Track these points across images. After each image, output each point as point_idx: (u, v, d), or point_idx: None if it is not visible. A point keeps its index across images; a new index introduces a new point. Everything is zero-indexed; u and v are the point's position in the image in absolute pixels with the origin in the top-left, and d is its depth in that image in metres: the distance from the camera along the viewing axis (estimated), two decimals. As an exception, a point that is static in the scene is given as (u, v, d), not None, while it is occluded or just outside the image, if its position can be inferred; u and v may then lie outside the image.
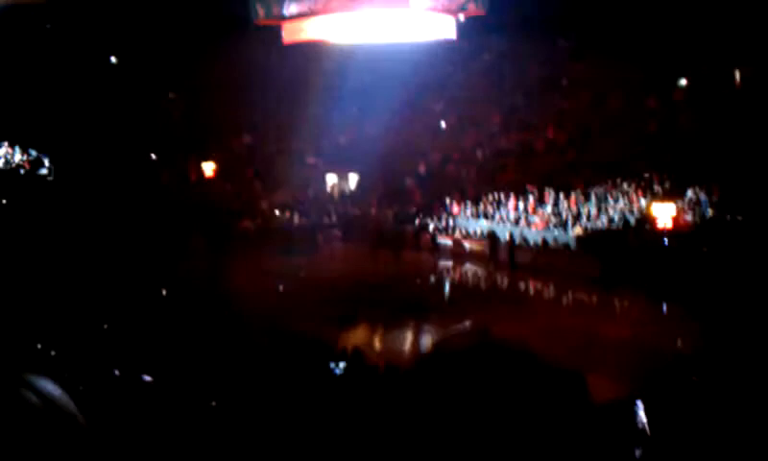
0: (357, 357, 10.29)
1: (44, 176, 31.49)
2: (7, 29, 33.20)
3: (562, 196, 28.95)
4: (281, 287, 25.45)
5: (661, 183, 26.39)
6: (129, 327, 12.32)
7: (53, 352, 9.69)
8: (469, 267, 27.48)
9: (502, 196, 30.69)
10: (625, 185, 27.67)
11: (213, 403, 8.09)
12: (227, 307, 17.98)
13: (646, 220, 24.34)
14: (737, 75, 29.62)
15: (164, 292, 20.53)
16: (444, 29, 29.95)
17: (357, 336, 18.38)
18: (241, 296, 21.56)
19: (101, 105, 35.14)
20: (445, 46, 32.84)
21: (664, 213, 23.83)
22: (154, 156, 35.07)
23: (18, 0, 34.65)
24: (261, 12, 29.08)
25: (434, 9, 28.26)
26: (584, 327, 18.06)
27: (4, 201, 28.69)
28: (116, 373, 8.74)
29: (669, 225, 23.66)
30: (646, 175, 27.52)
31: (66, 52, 35.48)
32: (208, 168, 34.87)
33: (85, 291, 16.57)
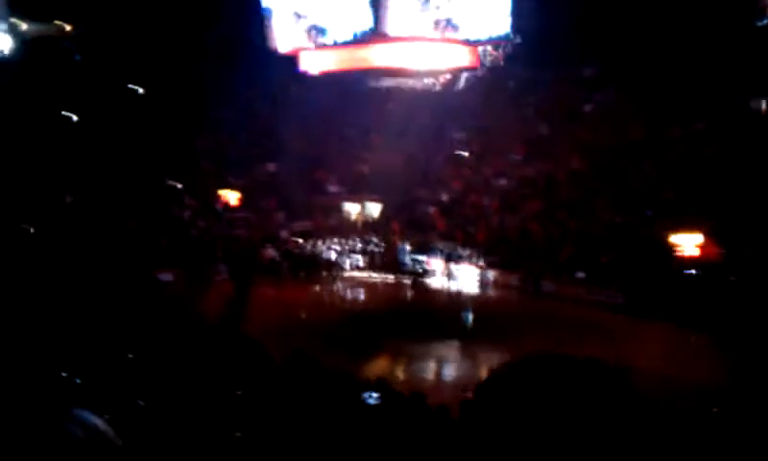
0: (383, 387, 10.20)
1: (70, 204, 31.75)
2: (34, 57, 33.83)
3: (584, 225, 28.80)
4: (304, 315, 25.44)
5: (687, 212, 26.13)
6: (153, 355, 12.32)
7: (87, 384, 9.68)
8: (492, 295, 27.35)
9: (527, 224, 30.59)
10: (650, 214, 27.44)
11: (238, 435, 8.03)
12: (249, 337, 17.93)
13: (672, 249, 24.09)
14: (764, 104, 29.40)
15: (186, 321, 20.54)
16: (468, 57, 30.07)
17: (380, 365, 18.28)
18: (262, 324, 21.55)
19: (124, 133, 35.53)
20: (469, 74, 33.03)
21: (690, 242, 23.65)
22: (179, 185, 35.31)
23: (44, 32, 35.33)
24: (282, 43, 29.41)
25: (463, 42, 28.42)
26: (610, 353, 17.83)
27: (32, 229, 28.98)
28: (141, 403, 8.71)
29: (695, 253, 23.45)
30: (672, 204, 27.30)
31: (93, 83, 36.00)
32: (232, 197, 35.10)
33: (110, 320, 16.62)
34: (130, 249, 29.46)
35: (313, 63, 30.58)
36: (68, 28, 36.95)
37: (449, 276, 29.66)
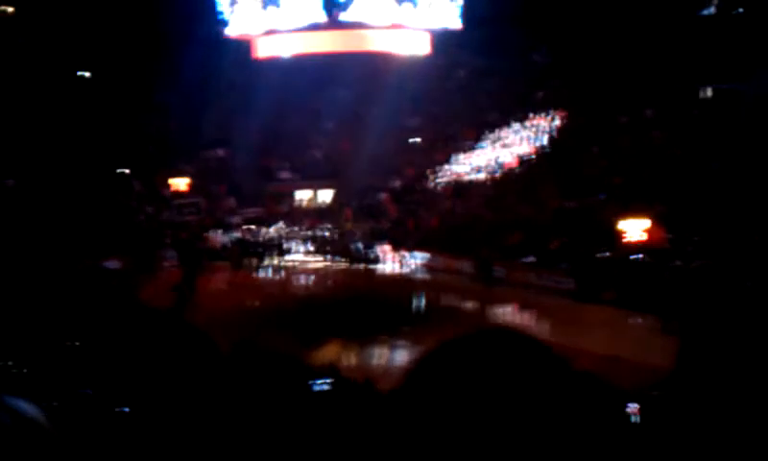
0: (333, 373, 10.13)
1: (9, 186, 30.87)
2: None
3: (536, 211, 29.06)
4: (254, 302, 25.23)
5: (636, 198, 26.53)
6: (96, 344, 12.05)
7: (24, 371, 9.39)
8: (443, 280, 27.38)
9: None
10: (601, 199, 27.80)
11: (182, 423, 7.88)
12: (195, 325, 17.67)
13: (620, 234, 24.42)
14: (709, 92, 29.99)
15: (132, 308, 20.17)
16: (420, 45, 30.03)
17: (331, 351, 18.19)
18: (210, 311, 21.30)
19: (71, 118, 34.69)
20: (420, 62, 33.01)
21: (637, 228, 24.00)
22: (126, 170, 34.64)
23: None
24: (233, 27, 28.94)
25: (410, 26, 28.34)
26: (562, 336, 18.07)
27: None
28: (88, 392, 8.49)
29: (642, 238, 23.81)
30: (620, 190, 27.70)
31: (36, 64, 35.05)
32: (182, 183, 34.55)
33: (50, 306, 16.22)
34: (74, 235, 28.84)
35: (266, 49, 30.19)
36: (10, 10, 35.87)
37: (400, 262, 29.68)
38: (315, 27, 29.15)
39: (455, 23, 31.69)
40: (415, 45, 31.90)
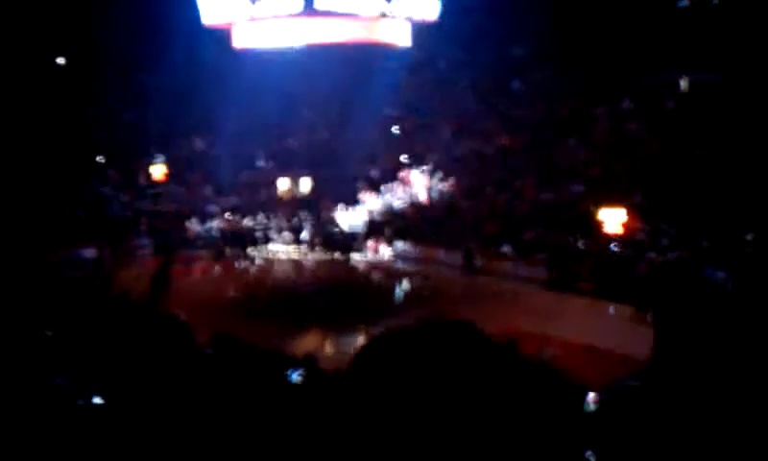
0: (310, 363, 10.09)
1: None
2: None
3: (514, 202, 29.21)
4: (231, 292, 25.13)
5: (612, 190, 26.72)
6: (71, 333, 11.91)
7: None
8: (422, 270, 27.46)
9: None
10: (578, 190, 27.97)
11: (160, 411, 7.82)
12: (173, 316, 17.58)
13: (597, 225, 24.59)
14: (684, 83, 30.21)
15: (107, 298, 19.99)
16: (400, 35, 30.01)
17: (308, 341, 18.18)
18: (191, 303, 21.19)
19: (46, 106, 34.30)
20: (400, 52, 32.99)
21: (613, 218, 24.18)
22: (100, 158, 34.29)
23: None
24: (209, 15, 28.70)
25: (388, 16, 28.31)
26: (538, 326, 18.21)
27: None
28: (62, 382, 8.41)
29: (618, 230, 24.00)
30: (597, 181, 27.87)
31: (10, 51, 34.58)
32: (158, 171, 34.26)
33: (24, 295, 16.02)
34: (48, 224, 28.56)
35: (244, 38, 29.98)
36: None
37: (379, 251, 29.70)
38: (292, 15, 29.00)
39: (433, 14, 31.76)
40: (395, 36, 31.88)
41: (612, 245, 23.53)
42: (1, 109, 32.40)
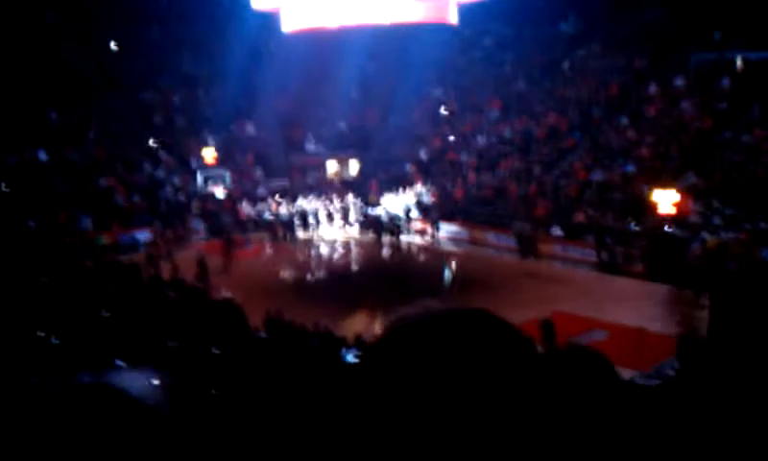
0: (361, 344, 10.23)
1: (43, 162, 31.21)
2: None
3: (564, 183, 28.88)
4: (283, 273, 25.43)
5: (665, 169, 26.24)
6: (128, 315, 12.21)
7: (65, 344, 9.57)
8: (477, 252, 27.38)
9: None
10: (630, 170, 27.53)
11: (214, 392, 8.01)
12: (225, 298, 17.90)
13: (649, 206, 24.20)
14: (739, 61, 29.45)
15: (163, 281, 20.43)
16: (448, 12, 29.80)
17: (359, 322, 18.32)
18: (246, 285, 21.54)
19: (100, 90, 34.99)
20: (448, 31, 32.74)
21: (666, 200, 23.74)
22: (153, 142, 34.86)
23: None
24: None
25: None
26: (588, 309, 18.08)
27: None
28: (121, 364, 8.67)
29: (671, 211, 23.57)
30: (649, 161, 27.40)
31: (67, 36, 35.32)
32: (209, 154, 34.72)
33: (82, 278, 16.45)
34: (103, 208, 29.20)
35: (293, 21, 30.04)
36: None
37: (427, 233, 29.69)
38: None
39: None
40: (443, 14, 31.60)
41: (664, 226, 23.13)
42: (57, 94, 33.12)
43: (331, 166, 37.16)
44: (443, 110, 37.46)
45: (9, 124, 30.02)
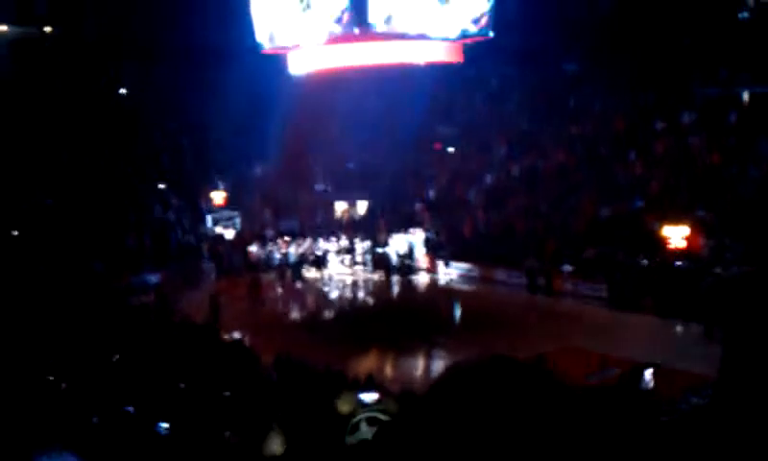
0: (372, 384, 10.18)
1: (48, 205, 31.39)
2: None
3: (572, 219, 28.87)
4: (293, 314, 25.43)
5: (673, 204, 26.20)
6: (139, 357, 12.21)
7: (73, 387, 9.56)
8: (486, 290, 27.35)
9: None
10: (635, 206, 27.50)
11: (226, 434, 7.97)
12: (235, 339, 17.89)
13: (659, 241, 24.14)
14: (746, 96, 29.55)
15: (173, 323, 20.45)
16: (451, 53, 30.07)
17: (369, 363, 18.24)
18: (255, 325, 21.53)
19: (109, 135, 35.32)
20: (452, 69, 32.99)
21: (676, 234, 23.71)
22: (163, 184, 35.10)
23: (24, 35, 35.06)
24: (267, 42, 29.15)
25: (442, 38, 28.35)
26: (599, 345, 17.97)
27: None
28: (130, 410, 8.63)
29: (681, 245, 23.51)
30: (657, 197, 27.38)
31: (74, 80, 35.77)
32: (218, 196, 34.93)
33: (90, 321, 16.47)
34: (113, 250, 29.29)
35: (301, 64, 30.36)
36: (48, 29, 36.61)
37: (437, 272, 29.66)
38: (348, 39, 29.28)
39: (486, 31, 31.65)
40: (448, 54, 31.86)
41: (675, 261, 23.05)
42: (67, 137, 33.47)
43: (340, 206, 37.29)
44: (450, 149, 37.61)
45: (18, 168, 30.30)
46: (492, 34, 28.48)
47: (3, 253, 25.41)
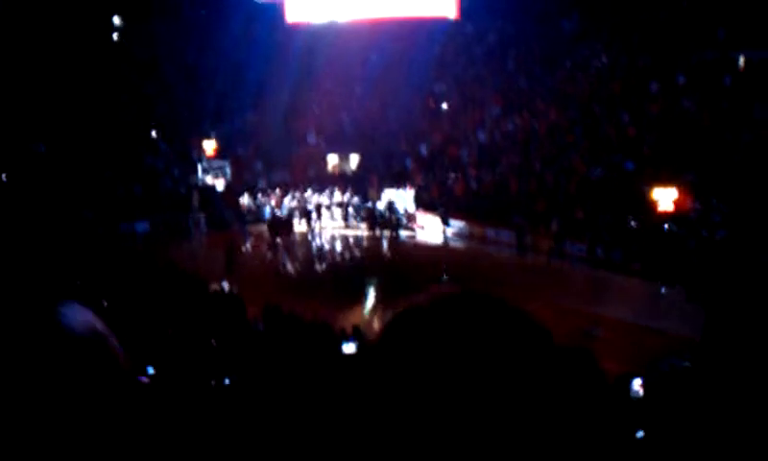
0: (359, 335, 10.28)
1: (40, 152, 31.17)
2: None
3: (563, 179, 28.89)
4: (283, 266, 25.50)
5: (665, 167, 26.22)
6: (126, 304, 12.27)
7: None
8: (477, 247, 27.47)
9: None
10: (630, 168, 27.53)
11: (213, 383, 8.06)
12: (224, 290, 17.95)
13: (647, 203, 24.23)
14: (741, 60, 29.44)
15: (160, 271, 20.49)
16: (446, 7, 29.83)
17: (356, 315, 18.38)
18: (246, 277, 21.59)
19: (100, 82, 34.97)
20: (448, 25, 32.76)
21: (665, 197, 23.79)
22: (155, 134, 34.88)
23: None
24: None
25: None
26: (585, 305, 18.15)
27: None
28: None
29: (670, 208, 23.61)
30: (649, 159, 27.40)
31: (67, 27, 35.28)
32: (209, 147, 34.73)
33: (79, 268, 16.50)
34: (103, 198, 29.21)
35: (297, 12, 30.09)
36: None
37: (427, 228, 29.73)
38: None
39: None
40: (443, 8, 31.64)
41: (663, 224, 23.16)
42: (60, 84, 33.12)
43: (332, 159, 37.17)
44: (444, 106, 37.43)
45: (9, 116, 30.02)
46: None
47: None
